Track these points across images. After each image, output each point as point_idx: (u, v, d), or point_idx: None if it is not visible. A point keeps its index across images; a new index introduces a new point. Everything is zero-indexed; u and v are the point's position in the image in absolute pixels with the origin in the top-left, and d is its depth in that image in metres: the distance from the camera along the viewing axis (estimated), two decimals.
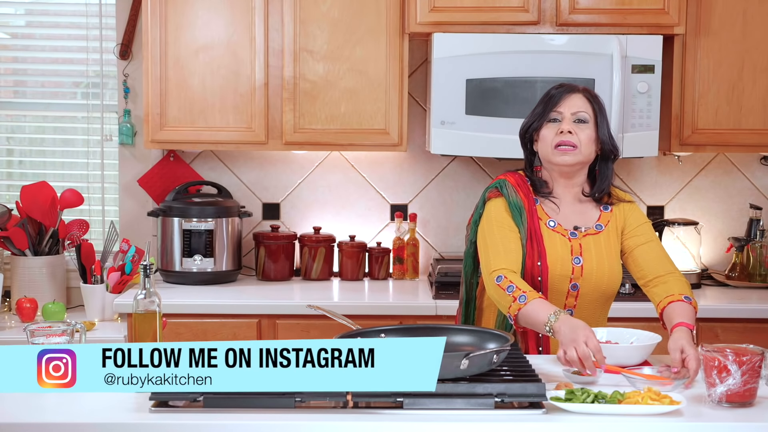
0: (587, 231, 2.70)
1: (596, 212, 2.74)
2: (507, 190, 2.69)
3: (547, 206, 2.71)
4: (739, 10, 3.85)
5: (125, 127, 4.21)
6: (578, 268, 2.67)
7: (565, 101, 2.66)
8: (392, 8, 3.84)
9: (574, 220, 2.71)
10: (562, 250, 2.66)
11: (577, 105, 2.66)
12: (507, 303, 2.54)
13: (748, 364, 2.20)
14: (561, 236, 2.68)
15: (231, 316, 3.72)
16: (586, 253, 2.68)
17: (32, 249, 4.02)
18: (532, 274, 2.65)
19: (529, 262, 2.65)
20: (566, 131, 2.62)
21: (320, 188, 4.28)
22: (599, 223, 2.72)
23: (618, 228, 2.73)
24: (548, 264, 2.65)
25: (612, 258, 2.71)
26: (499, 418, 2.15)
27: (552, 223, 2.69)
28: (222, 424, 2.12)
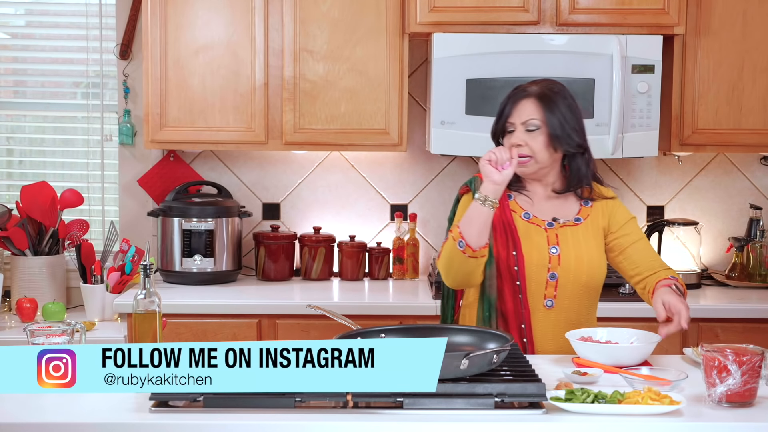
0: (565, 222, 2.71)
1: (576, 206, 2.75)
2: (475, 185, 2.72)
3: (521, 200, 2.73)
4: (739, 10, 3.85)
5: (125, 127, 4.21)
6: (555, 258, 2.67)
7: (515, 111, 2.66)
8: (392, 8, 3.84)
9: (552, 213, 2.72)
10: (538, 240, 2.67)
11: (527, 113, 2.65)
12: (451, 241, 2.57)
13: (748, 364, 2.20)
14: (536, 227, 2.69)
15: (231, 316, 3.72)
16: (563, 243, 2.68)
17: (32, 249, 4.02)
18: (508, 264, 2.65)
19: (504, 253, 2.65)
20: (515, 144, 2.64)
21: (320, 188, 4.29)
22: (578, 216, 2.73)
23: (599, 224, 2.73)
24: (524, 253, 2.65)
25: (591, 250, 2.71)
26: (499, 418, 2.15)
27: (527, 215, 2.71)
28: (222, 424, 2.12)
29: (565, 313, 2.70)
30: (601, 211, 2.75)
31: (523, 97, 2.67)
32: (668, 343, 3.41)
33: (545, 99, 2.65)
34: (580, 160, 2.70)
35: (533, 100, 2.65)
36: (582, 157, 2.70)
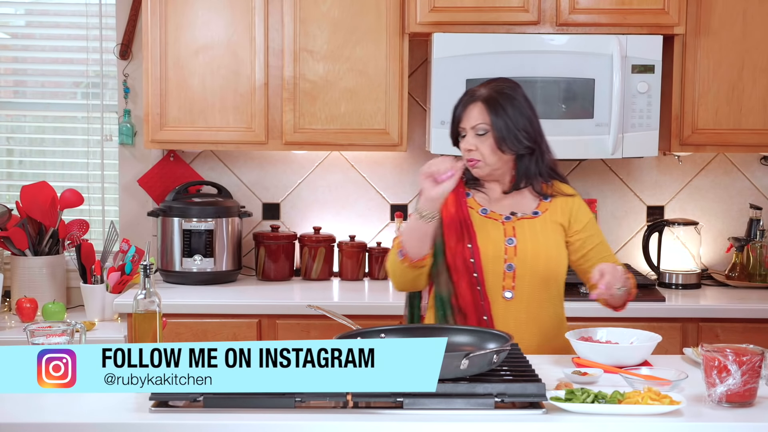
0: (523, 216, 2.74)
1: (535, 202, 2.77)
2: None
3: (479, 197, 2.78)
4: (739, 10, 3.85)
5: (125, 127, 4.21)
6: (512, 249, 2.69)
7: (465, 116, 2.70)
8: (392, 8, 3.84)
9: (510, 209, 2.76)
10: (494, 232, 2.71)
11: (475, 118, 2.69)
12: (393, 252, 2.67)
13: (748, 364, 2.20)
14: (493, 221, 2.73)
15: (231, 316, 3.72)
16: (519, 234, 2.71)
17: (32, 249, 4.02)
18: (464, 256, 2.68)
19: (459, 246, 2.68)
20: (466, 149, 2.70)
21: (320, 188, 4.28)
22: (536, 210, 2.76)
23: (557, 219, 2.75)
24: (479, 245, 2.68)
25: (549, 242, 2.73)
26: (499, 418, 2.15)
27: (484, 210, 2.75)
28: (222, 424, 2.12)
29: (525, 305, 2.71)
30: (560, 207, 2.77)
31: (471, 102, 2.71)
32: (668, 343, 3.41)
33: (492, 102, 2.69)
34: (528, 160, 2.73)
35: (480, 105, 2.69)
36: (531, 156, 2.73)
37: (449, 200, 2.70)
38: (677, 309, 3.69)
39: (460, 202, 2.73)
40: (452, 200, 2.72)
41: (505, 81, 2.76)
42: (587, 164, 4.24)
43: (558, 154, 3.79)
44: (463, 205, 2.73)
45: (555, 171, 2.79)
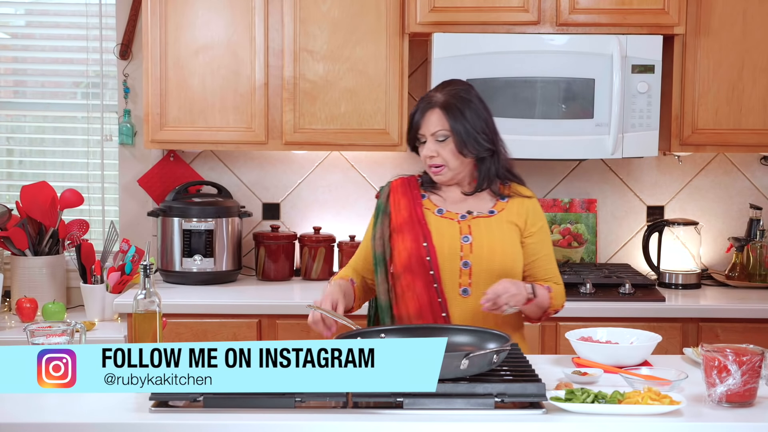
0: (479, 214, 2.76)
1: (491, 202, 2.79)
2: (383, 191, 2.85)
3: (435, 199, 2.80)
4: (739, 10, 3.85)
5: (125, 127, 4.21)
6: (467, 246, 2.71)
7: (424, 123, 2.72)
8: (392, 8, 3.84)
9: (466, 208, 2.78)
10: (449, 231, 2.73)
11: (434, 124, 2.70)
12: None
13: (748, 364, 2.20)
14: (449, 220, 2.75)
15: (231, 316, 3.72)
16: (475, 232, 2.73)
17: (32, 249, 4.02)
18: (420, 255, 2.70)
19: (415, 246, 2.71)
20: (427, 155, 2.72)
21: (320, 188, 4.29)
22: (492, 209, 2.78)
23: (513, 219, 2.77)
24: (434, 243, 2.70)
25: (505, 240, 2.74)
26: (499, 418, 2.15)
27: (440, 211, 2.77)
28: (222, 424, 2.12)
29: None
30: (516, 207, 2.78)
31: (429, 108, 2.72)
32: (668, 343, 3.42)
33: (450, 108, 2.70)
34: (489, 162, 2.76)
35: (438, 111, 2.70)
36: (491, 158, 2.76)
37: (401, 204, 2.77)
38: (677, 309, 3.69)
39: (414, 204, 2.77)
40: (405, 204, 2.77)
41: (459, 83, 2.79)
42: (587, 164, 4.24)
43: (558, 154, 3.82)
44: (417, 207, 2.77)
45: (512, 172, 2.83)
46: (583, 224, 4.22)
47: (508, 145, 2.80)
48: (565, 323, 3.60)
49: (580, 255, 4.22)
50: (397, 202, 2.79)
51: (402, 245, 2.72)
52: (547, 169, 4.24)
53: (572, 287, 3.80)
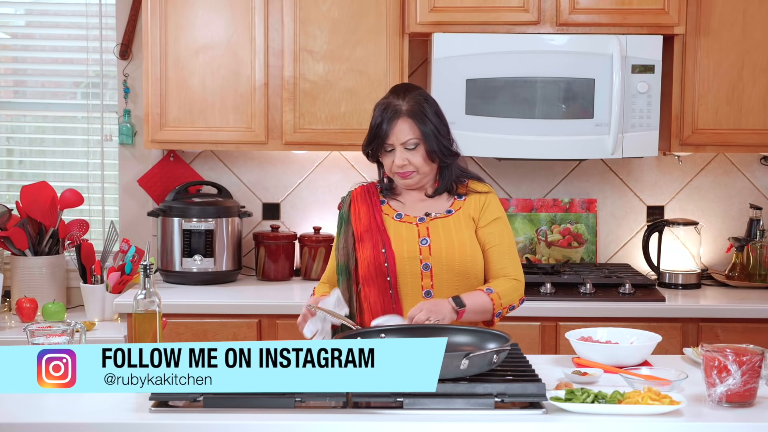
0: (436, 216, 2.77)
1: (449, 201, 2.81)
2: (344, 202, 2.86)
3: (394, 204, 2.81)
4: (739, 10, 3.85)
5: (125, 127, 4.21)
6: (426, 248, 2.71)
7: (392, 132, 2.70)
8: (392, 8, 3.84)
9: (424, 210, 2.78)
10: (408, 235, 2.73)
11: (404, 133, 2.70)
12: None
13: (748, 364, 2.20)
14: (407, 224, 2.76)
15: (231, 316, 3.72)
16: (433, 234, 2.73)
17: (32, 249, 4.02)
18: (378, 261, 2.71)
19: (373, 253, 2.71)
20: (399, 164, 2.71)
21: (320, 188, 4.28)
22: (450, 209, 2.79)
23: (470, 214, 2.78)
24: (393, 249, 2.71)
25: (463, 238, 2.74)
26: (499, 418, 2.15)
27: (399, 215, 2.78)
28: (222, 424, 2.12)
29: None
30: (473, 202, 2.80)
31: (397, 117, 2.70)
32: (668, 343, 3.42)
33: (417, 115, 2.70)
34: (452, 166, 2.78)
35: (407, 119, 2.70)
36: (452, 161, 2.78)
37: (362, 212, 2.78)
38: (677, 309, 3.69)
39: (373, 210, 2.78)
40: (365, 212, 2.77)
41: (415, 88, 2.78)
42: (587, 164, 4.24)
43: (558, 154, 3.82)
44: (377, 213, 2.77)
45: (467, 171, 2.85)
46: (583, 224, 4.22)
47: (507, 145, 2.81)
48: (565, 323, 3.60)
49: (580, 255, 4.22)
50: (357, 211, 2.79)
51: (362, 254, 2.74)
52: (547, 169, 4.24)
53: (572, 287, 3.81)
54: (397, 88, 2.80)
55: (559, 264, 4.06)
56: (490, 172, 4.23)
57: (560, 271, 3.94)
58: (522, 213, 4.21)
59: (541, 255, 4.20)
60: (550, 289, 3.73)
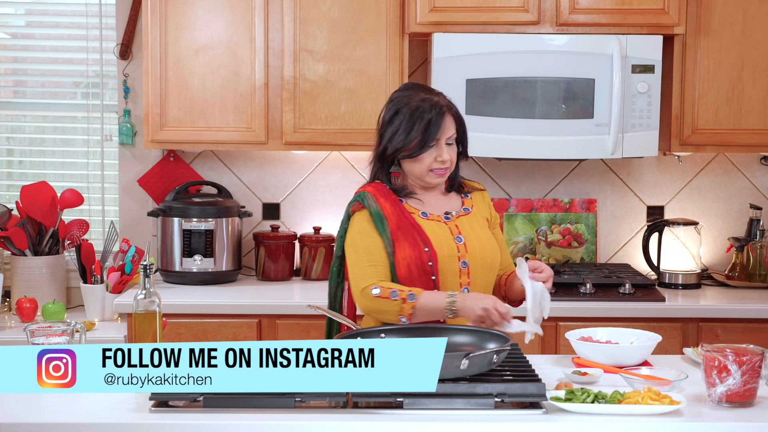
0: (458, 214, 2.78)
1: (459, 199, 2.83)
2: (368, 201, 2.74)
3: (413, 202, 2.77)
4: (739, 10, 3.85)
5: (125, 127, 4.21)
6: (462, 246, 2.72)
7: (442, 128, 2.69)
8: (392, 8, 3.84)
9: (443, 208, 2.79)
10: (442, 233, 2.72)
11: (450, 129, 2.70)
12: (396, 307, 2.58)
13: (748, 364, 2.20)
14: (437, 222, 2.75)
15: (231, 316, 3.72)
16: (464, 231, 2.75)
17: (32, 249, 4.02)
18: (422, 260, 2.67)
19: (416, 252, 2.67)
20: (447, 159, 2.70)
21: (320, 188, 4.28)
22: (466, 207, 2.82)
23: (482, 212, 2.83)
24: (435, 248, 2.68)
25: (488, 235, 2.80)
26: (499, 418, 2.15)
27: (424, 213, 2.76)
28: (222, 424, 2.12)
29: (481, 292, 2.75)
30: (479, 200, 2.85)
31: (444, 113, 2.69)
32: (668, 343, 3.42)
33: (457, 112, 2.74)
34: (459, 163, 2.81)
35: (449, 115, 2.71)
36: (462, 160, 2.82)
37: (388, 209, 2.71)
38: (677, 309, 3.69)
39: (400, 209, 2.73)
40: (391, 210, 2.71)
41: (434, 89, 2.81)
42: (587, 164, 4.24)
43: (558, 154, 3.83)
44: (404, 211, 2.73)
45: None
46: (583, 224, 4.22)
47: (507, 145, 2.82)
48: (565, 323, 3.59)
49: (580, 255, 4.22)
50: (384, 207, 2.72)
51: (401, 254, 2.67)
52: (547, 169, 4.24)
53: (572, 287, 3.80)
54: (421, 85, 2.79)
55: (559, 264, 4.06)
56: (490, 172, 4.23)
57: (560, 271, 3.94)
58: (522, 213, 4.21)
59: (541, 255, 4.20)
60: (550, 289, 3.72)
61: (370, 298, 2.61)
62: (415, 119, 2.67)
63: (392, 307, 2.58)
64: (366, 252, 2.68)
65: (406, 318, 2.58)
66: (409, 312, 2.57)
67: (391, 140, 2.70)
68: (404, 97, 2.72)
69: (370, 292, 2.61)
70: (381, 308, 2.61)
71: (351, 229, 2.75)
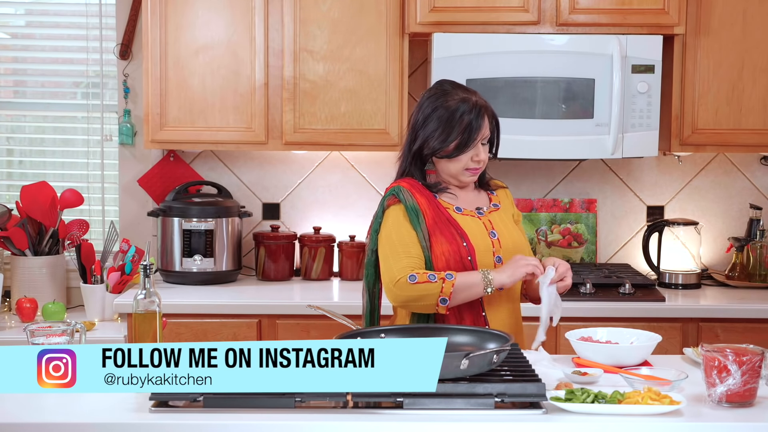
0: (489, 210, 2.81)
1: (486, 195, 2.86)
2: (403, 195, 2.72)
3: (447, 197, 2.78)
4: (739, 10, 3.85)
5: (125, 127, 4.21)
6: (496, 241, 2.74)
7: (480, 131, 2.70)
8: (392, 8, 3.84)
9: (474, 204, 2.81)
10: (477, 228, 2.74)
11: (486, 129, 2.72)
12: (436, 289, 2.58)
13: (748, 364, 2.20)
14: (471, 217, 2.76)
15: (231, 316, 3.72)
16: (497, 227, 2.77)
17: (32, 249, 4.02)
18: (461, 255, 2.68)
19: (454, 247, 2.67)
20: (484, 158, 2.74)
21: (320, 188, 4.29)
22: (495, 203, 2.84)
23: (509, 209, 2.87)
24: (473, 243, 2.70)
25: (517, 231, 2.84)
26: (499, 418, 2.15)
27: (458, 208, 2.77)
28: (222, 424, 2.12)
29: (512, 292, 2.77)
30: (504, 197, 2.88)
31: (483, 115, 2.71)
32: (668, 343, 3.42)
33: (493, 113, 2.76)
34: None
35: (488, 116, 2.73)
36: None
37: (424, 204, 2.70)
38: (677, 309, 3.69)
39: (435, 204, 2.74)
40: (426, 205, 2.71)
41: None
42: (587, 164, 4.24)
43: (558, 154, 3.83)
44: (439, 206, 2.74)
45: None
46: (583, 224, 4.22)
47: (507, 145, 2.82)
48: (565, 323, 3.57)
49: (580, 255, 4.22)
50: (420, 202, 2.71)
51: (439, 248, 2.67)
52: (547, 169, 4.24)
53: (572, 287, 3.80)
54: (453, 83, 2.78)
55: None
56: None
57: None
58: (522, 213, 4.21)
59: (541, 255, 4.20)
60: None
61: (408, 286, 2.60)
62: (455, 122, 2.67)
63: (432, 289, 2.58)
64: (402, 244, 2.67)
65: (448, 298, 2.57)
66: (450, 291, 2.57)
67: (428, 140, 2.70)
68: (441, 95, 2.72)
69: (407, 281, 2.60)
70: (421, 293, 2.59)
71: (386, 222, 2.72)
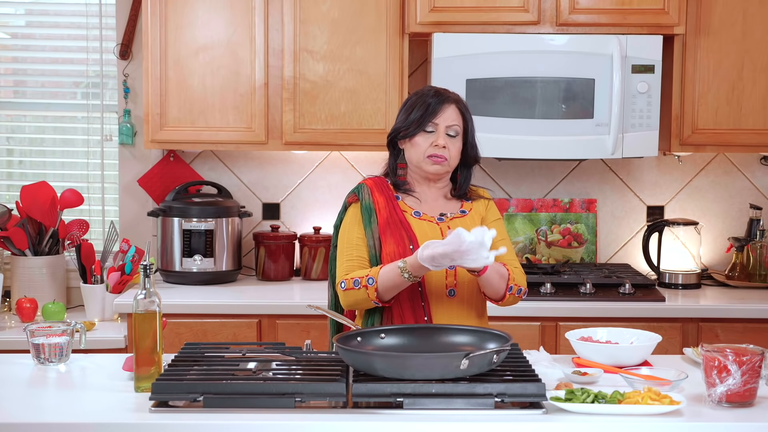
0: (453, 216, 2.78)
1: (458, 203, 2.83)
2: (362, 193, 2.77)
3: (409, 201, 2.78)
4: (739, 10, 3.85)
5: (125, 127, 4.21)
6: None
7: (441, 113, 2.71)
8: (392, 8, 3.84)
9: (439, 210, 2.79)
10: (432, 233, 2.72)
11: (451, 118, 2.72)
12: (363, 294, 2.61)
13: (748, 364, 2.20)
14: (428, 222, 2.75)
15: (231, 316, 3.72)
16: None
17: (32, 249, 4.02)
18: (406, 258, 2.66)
19: (401, 249, 2.67)
20: (440, 145, 2.71)
21: (320, 188, 4.29)
22: (463, 209, 2.81)
23: (480, 214, 2.82)
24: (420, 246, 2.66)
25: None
26: (499, 418, 2.15)
27: (417, 213, 2.76)
28: (222, 424, 2.12)
29: (466, 300, 2.73)
30: (480, 206, 2.84)
31: (447, 102, 2.72)
32: (668, 343, 3.42)
33: (464, 107, 2.76)
34: (472, 170, 2.82)
35: (457, 107, 2.74)
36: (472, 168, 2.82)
37: (381, 204, 2.73)
38: (677, 309, 3.69)
39: (393, 204, 2.74)
40: (383, 204, 2.73)
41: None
42: (587, 164, 4.24)
43: (558, 154, 3.83)
44: (396, 208, 2.74)
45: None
46: (583, 224, 4.22)
47: (508, 145, 2.81)
48: (565, 323, 3.60)
49: (580, 255, 4.22)
50: (377, 202, 2.75)
51: (386, 249, 2.68)
52: (547, 169, 4.25)
53: (572, 287, 3.81)
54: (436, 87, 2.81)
55: (559, 264, 4.06)
56: (490, 172, 4.23)
57: (560, 271, 3.95)
58: (522, 213, 4.21)
59: (541, 255, 4.20)
60: (550, 289, 3.73)
61: (342, 293, 2.66)
62: (417, 103, 2.73)
63: (360, 295, 2.62)
64: (348, 246, 2.72)
65: (378, 301, 2.60)
66: (374, 295, 2.59)
67: (396, 124, 2.77)
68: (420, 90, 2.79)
69: (340, 288, 2.66)
70: (355, 299, 2.64)
71: (344, 220, 2.79)
